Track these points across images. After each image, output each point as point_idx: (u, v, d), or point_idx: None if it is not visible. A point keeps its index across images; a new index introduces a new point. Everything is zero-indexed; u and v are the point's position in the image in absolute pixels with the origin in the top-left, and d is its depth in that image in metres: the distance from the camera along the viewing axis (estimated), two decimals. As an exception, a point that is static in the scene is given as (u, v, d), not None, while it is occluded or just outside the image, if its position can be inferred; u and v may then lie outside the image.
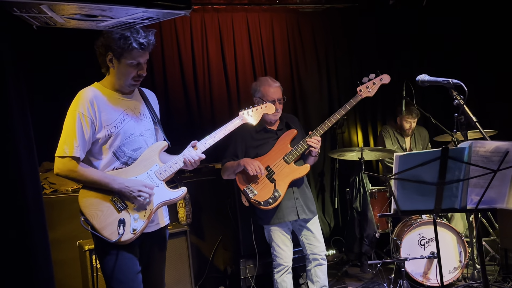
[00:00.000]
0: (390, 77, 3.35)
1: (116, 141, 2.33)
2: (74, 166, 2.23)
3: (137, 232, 2.26)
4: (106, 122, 2.30)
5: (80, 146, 2.23)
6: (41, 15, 1.58)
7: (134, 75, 2.33)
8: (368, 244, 4.60)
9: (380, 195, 4.64)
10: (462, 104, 2.47)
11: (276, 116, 3.37)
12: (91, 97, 2.30)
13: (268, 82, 3.37)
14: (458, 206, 2.25)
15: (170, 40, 4.76)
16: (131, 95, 2.45)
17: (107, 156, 2.34)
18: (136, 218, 2.28)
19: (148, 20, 1.67)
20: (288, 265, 3.42)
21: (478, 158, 2.17)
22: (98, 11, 1.54)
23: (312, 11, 5.35)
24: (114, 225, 2.24)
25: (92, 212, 2.26)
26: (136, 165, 2.36)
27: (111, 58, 2.29)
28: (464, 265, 3.93)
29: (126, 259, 2.30)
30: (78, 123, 2.24)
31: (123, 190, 2.25)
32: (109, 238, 2.23)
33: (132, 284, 2.30)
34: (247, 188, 3.23)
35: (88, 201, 2.27)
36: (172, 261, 3.36)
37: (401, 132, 4.88)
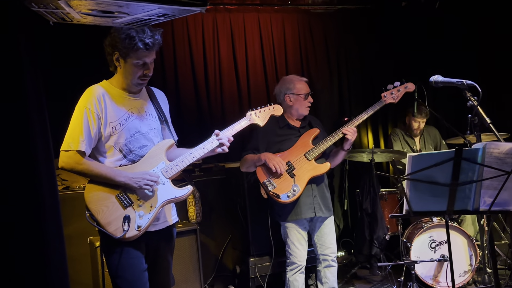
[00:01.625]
0: (414, 86, 3.37)
1: (121, 139, 2.35)
2: (79, 160, 2.24)
3: (142, 229, 2.27)
4: (111, 119, 2.32)
5: (86, 140, 2.25)
6: (59, 10, 1.59)
7: (140, 74, 2.33)
8: (378, 246, 4.58)
9: (390, 197, 4.62)
10: (476, 106, 2.46)
11: (307, 110, 3.47)
12: (99, 94, 2.32)
13: (298, 78, 3.51)
14: (471, 208, 2.24)
15: (182, 40, 4.78)
16: (138, 94, 2.46)
17: (113, 153, 2.35)
18: (142, 215, 2.29)
19: (164, 17, 1.67)
20: (301, 265, 3.43)
21: (492, 160, 2.17)
22: (115, 7, 1.55)
23: (324, 12, 5.36)
24: (119, 221, 2.25)
25: (98, 208, 2.27)
26: (143, 162, 2.37)
27: (118, 57, 2.31)
28: (474, 268, 3.91)
29: (132, 257, 2.30)
30: (85, 118, 2.27)
31: (128, 182, 2.25)
32: (113, 234, 2.23)
33: (137, 282, 2.30)
34: (266, 180, 3.26)
35: (93, 196, 2.28)
36: (182, 259, 3.37)
37: (410, 133, 4.86)
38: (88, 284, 3.30)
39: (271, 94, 5.01)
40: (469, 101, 2.46)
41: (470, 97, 2.46)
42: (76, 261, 3.26)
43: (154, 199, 2.34)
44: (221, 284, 3.91)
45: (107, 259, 2.35)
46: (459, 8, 5.30)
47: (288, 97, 3.44)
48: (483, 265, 4.03)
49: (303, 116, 3.50)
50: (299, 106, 3.44)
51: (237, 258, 4.08)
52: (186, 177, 3.75)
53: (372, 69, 5.47)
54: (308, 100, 3.45)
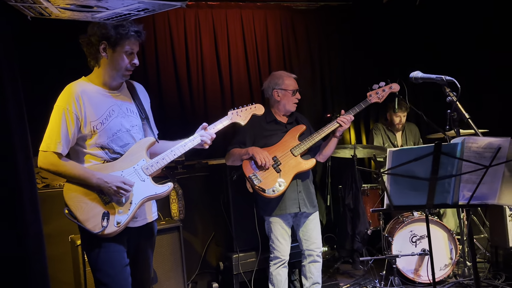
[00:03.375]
0: (399, 86, 3.43)
1: (102, 137, 2.33)
2: (56, 161, 2.24)
3: (121, 225, 2.26)
4: (91, 118, 2.30)
5: (63, 142, 2.24)
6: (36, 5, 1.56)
7: (127, 64, 2.33)
8: (360, 241, 4.62)
9: (372, 192, 4.66)
10: (455, 101, 2.49)
11: (294, 106, 3.50)
12: (77, 92, 2.29)
13: (287, 74, 3.54)
14: (450, 202, 2.27)
15: (163, 36, 4.74)
16: (118, 90, 2.44)
17: (95, 151, 2.33)
18: (121, 212, 2.29)
19: (144, 11, 1.65)
20: (285, 259, 3.47)
21: (471, 154, 2.20)
22: (94, 1, 1.53)
23: (306, 8, 5.37)
24: (98, 217, 2.24)
25: (76, 204, 2.26)
26: (123, 159, 2.36)
27: (105, 47, 2.28)
28: (455, 262, 3.97)
29: (113, 252, 2.29)
30: (63, 119, 2.25)
31: (101, 185, 2.25)
32: (92, 229, 2.23)
33: (119, 276, 2.29)
34: (252, 175, 3.27)
35: (73, 193, 2.27)
36: (165, 256, 3.36)
37: (391, 128, 4.92)
38: (69, 283, 3.27)
39: (254, 91, 5.04)
40: (448, 97, 2.48)
41: (449, 92, 2.48)
42: (57, 259, 3.22)
43: (136, 195, 2.34)
44: (204, 281, 3.91)
45: (88, 254, 2.34)
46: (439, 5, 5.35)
47: (276, 92, 3.46)
48: (463, 258, 4.10)
49: (290, 112, 3.53)
50: (286, 101, 3.46)
51: (221, 255, 4.08)
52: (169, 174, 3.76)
53: (354, 66, 5.50)
54: (296, 96, 3.48)
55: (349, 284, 4.13)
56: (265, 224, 3.52)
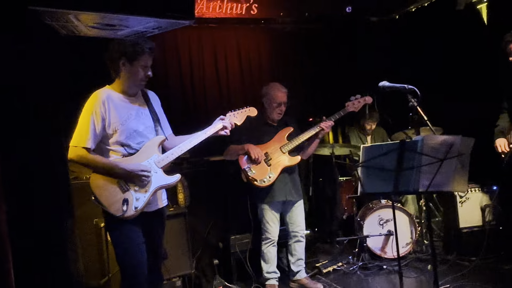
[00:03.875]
0: (372, 99, 3.47)
1: (122, 136, 2.34)
2: (85, 154, 2.25)
3: (138, 210, 2.28)
4: (113, 120, 2.32)
5: (91, 138, 2.26)
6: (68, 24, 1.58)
7: (143, 76, 2.36)
8: (337, 224, 4.67)
9: (347, 184, 4.70)
10: (415, 106, 2.53)
11: (280, 116, 3.48)
12: (104, 98, 2.32)
13: (278, 87, 3.48)
14: (412, 189, 2.31)
15: (171, 52, 4.75)
16: (135, 97, 2.46)
17: (116, 147, 2.35)
18: (138, 198, 2.30)
19: (158, 29, 1.68)
20: (274, 239, 3.49)
21: (429, 149, 2.23)
22: (117, 20, 1.55)
23: (292, 30, 5.36)
24: (119, 203, 2.26)
25: (101, 192, 2.28)
26: (139, 154, 2.37)
27: (124, 62, 2.31)
28: (414, 241, 4.00)
29: (131, 231, 2.31)
30: (92, 119, 2.27)
31: (124, 174, 2.27)
32: (115, 213, 2.25)
33: (137, 252, 2.30)
34: (247, 167, 3.30)
35: (97, 182, 2.29)
36: (174, 237, 3.36)
37: (363, 131, 4.95)
38: (94, 257, 3.26)
39: (247, 97, 5.05)
40: (410, 102, 2.53)
41: (411, 98, 2.52)
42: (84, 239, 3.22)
43: (149, 184, 2.36)
44: (206, 258, 3.90)
45: (111, 234, 2.36)
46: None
47: (264, 100, 3.48)
48: (421, 238, 4.14)
49: (276, 120, 3.51)
50: (271, 111, 3.47)
51: (220, 236, 4.08)
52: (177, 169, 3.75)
53: (333, 78, 5.50)
54: (280, 108, 3.44)
55: (327, 260, 4.14)
56: (257, 210, 3.53)
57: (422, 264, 3.87)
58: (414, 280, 3.57)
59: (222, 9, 4.62)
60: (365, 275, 3.78)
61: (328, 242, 4.68)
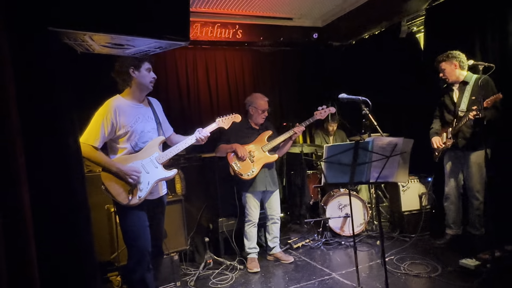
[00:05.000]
0: (335, 109, 3.50)
1: (132, 136, 2.30)
2: (91, 150, 2.21)
3: (142, 198, 2.26)
4: (124, 123, 2.28)
5: (100, 139, 2.22)
6: (84, 43, 1.53)
7: (150, 78, 2.34)
8: (305, 208, 4.69)
9: (313, 176, 4.73)
10: (367, 113, 2.56)
11: (263, 120, 3.47)
12: (115, 106, 2.28)
13: (261, 97, 3.47)
14: (364, 180, 2.32)
15: (171, 69, 4.70)
16: (142, 103, 2.41)
17: (125, 145, 2.31)
18: (141, 189, 2.27)
19: (159, 49, 1.65)
20: (255, 221, 3.48)
21: (378, 149, 2.26)
22: (124, 41, 1.51)
23: (270, 51, 5.38)
24: (125, 193, 2.23)
25: (110, 183, 2.24)
26: (143, 152, 2.34)
27: (133, 70, 2.29)
28: (366, 221, 4.06)
29: (137, 216, 2.27)
30: (102, 123, 2.23)
31: (118, 173, 2.22)
32: (122, 201, 2.22)
33: (142, 234, 2.27)
34: (234, 163, 3.29)
35: (107, 175, 2.25)
36: (172, 220, 3.31)
37: (326, 133, 4.99)
38: (105, 238, 3.20)
39: (233, 105, 5.03)
40: (363, 110, 2.56)
41: (364, 107, 2.56)
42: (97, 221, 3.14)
43: (151, 177, 2.32)
44: (199, 237, 3.87)
45: (120, 219, 2.31)
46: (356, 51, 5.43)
47: (251, 108, 3.45)
48: (372, 219, 4.19)
49: (260, 123, 3.51)
50: (256, 116, 3.46)
51: (210, 219, 4.06)
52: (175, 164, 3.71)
53: (303, 91, 5.53)
54: (264, 114, 3.44)
55: (297, 237, 4.17)
56: (242, 198, 3.52)
57: (372, 240, 3.92)
58: (366, 253, 3.62)
59: (213, 33, 4.59)
60: (327, 249, 3.81)
61: (298, 223, 4.71)
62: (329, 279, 3.06)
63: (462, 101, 3.29)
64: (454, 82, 3.37)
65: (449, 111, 3.44)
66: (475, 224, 3.36)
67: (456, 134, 3.33)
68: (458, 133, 3.32)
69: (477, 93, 3.18)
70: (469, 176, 3.30)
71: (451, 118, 3.41)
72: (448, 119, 3.45)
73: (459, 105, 3.32)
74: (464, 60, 3.30)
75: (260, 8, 4.57)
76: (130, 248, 2.27)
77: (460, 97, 3.33)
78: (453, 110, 3.38)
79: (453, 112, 3.39)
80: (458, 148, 3.35)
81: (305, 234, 4.31)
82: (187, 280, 3.27)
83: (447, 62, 3.33)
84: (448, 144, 3.39)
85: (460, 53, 3.32)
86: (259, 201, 3.51)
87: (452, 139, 3.35)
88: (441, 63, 3.36)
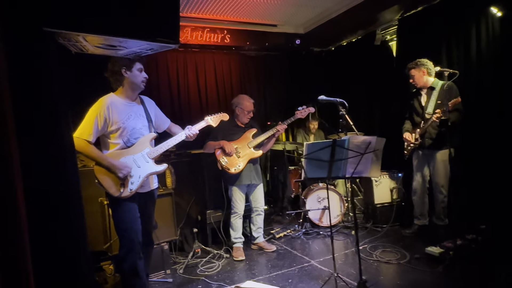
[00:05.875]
0: (314, 109, 3.50)
1: (124, 132, 2.26)
2: (84, 145, 2.16)
3: (133, 191, 2.22)
4: (116, 119, 2.23)
5: (93, 134, 2.17)
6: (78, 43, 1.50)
7: (142, 77, 2.30)
8: (287, 201, 4.72)
9: (294, 171, 4.76)
10: (344, 114, 2.59)
11: (248, 120, 3.46)
12: (108, 103, 2.23)
13: (247, 99, 3.46)
14: (341, 175, 2.35)
15: (163, 70, 4.63)
16: (134, 101, 2.37)
17: (118, 140, 2.27)
18: (133, 182, 2.23)
19: (151, 50, 1.62)
20: (240, 213, 3.48)
21: (353, 146, 2.29)
22: (117, 42, 1.48)
23: (255, 55, 5.36)
24: (117, 186, 2.20)
25: (102, 177, 2.20)
26: (134, 147, 2.30)
27: (125, 70, 2.24)
28: (343, 213, 4.09)
29: (129, 208, 2.24)
30: (96, 119, 2.18)
31: (110, 167, 2.19)
32: (114, 194, 2.19)
33: (133, 225, 2.23)
34: (221, 158, 3.27)
35: (100, 170, 2.20)
36: (163, 212, 3.28)
37: (308, 132, 5.03)
38: (99, 229, 3.14)
39: (221, 105, 5.00)
40: (340, 111, 2.58)
41: (341, 108, 2.58)
42: (91, 213, 3.08)
43: (142, 171, 2.29)
44: (188, 228, 3.85)
45: (112, 210, 2.26)
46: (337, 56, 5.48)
47: (237, 109, 3.44)
48: (348, 211, 4.25)
49: (248, 121, 3.50)
50: (242, 116, 3.45)
51: (199, 211, 4.04)
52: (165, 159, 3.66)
53: (286, 93, 5.54)
54: (249, 114, 3.44)
55: (279, 228, 4.19)
56: (228, 191, 3.51)
57: (348, 230, 3.96)
58: (342, 242, 3.66)
59: (203, 37, 4.55)
60: (307, 239, 3.84)
61: (281, 215, 4.72)
62: (308, 266, 3.09)
63: (429, 104, 3.37)
64: (422, 87, 3.45)
65: (418, 113, 3.51)
66: (440, 216, 3.45)
67: (423, 135, 3.41)
68: (425, 134, 3.40)
69: (442, 97, 3.26)
70: (435, 173, 3.39)
71: (419, 120, 3.49)
72: (416, 121, 3.52)
73: (426, 108, 3.40)
74: (431, 67, 3.38)
75: (247, 15, 4.55)
76: (121, 238, 2.23)
77: (427, 101, 3.41)
78: (421, 113, 3.46)
79: (421, 114, 3.47)
80: (425, 147, 3.43)
81: (287, 225, 4.33)
82: (176, 268, 3.24)
83: (416, 69, 3.40)
84: (416, 144, 3.46)
85: (428, 61, 3.39)
86: (245, 194, 3.51)
87: (419, 139, 3.43)
88: (410, 70, 3.43)
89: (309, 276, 2.86)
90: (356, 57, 4.98)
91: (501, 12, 3.31)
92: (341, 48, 5.35)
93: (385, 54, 4.64)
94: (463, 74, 3.21)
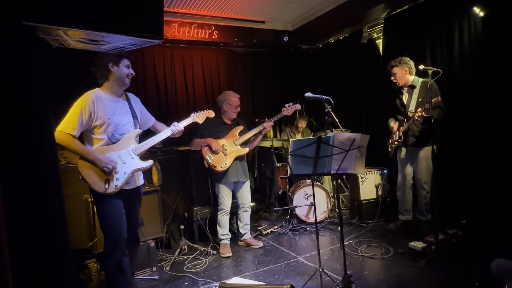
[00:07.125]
0: (301, 106, 3.51)
1: (109, 127, 2.23)
2: (68, 139, 2.12)
3: (118, 187, 2.20)
4: (101, 114, 2.20)
5: (78, 128, 2.14)
6: (59, 38, 1.46)
7: (128, 73, 2.29)
8: (274, 198, 4.74)
9: (281, 168, 4.78)
10: (330, 111, 2.62)
11: (235, 115, 3.46)
12: (93, 97, 2.20)
13: (233, 94, 3.46)
14: (326, 171, 2.37)
15: (149, 66, 4.57)
16: (120, 97, 2.34)
17: (102, 136, 2.23)
18: (118, 178, 2.21)
19: (134, 46, 1.60)
20: (227, 210, 3.48)
21: (338, 143, 2.30)
22: (99, 37, 1.46)
23: (243, 52, 5.35)
24: (102, 182, 2.17)
25: (87, 173, 2.17)
26: (119, 143, 2.28)
27: (112, 65, 2.22)
28: (329, 210, 4.13)
29: (114, 205, 2.21)
30: (80, 113, 2.15)
31: (95, 161, 2.16)
32: (98, 190, 2.16)
33: (118, 222, 2.21)
34: (208, 156, 3.26)
35: (84, 165, 2.17)
36: (149, 209, 3.26)
37: (295, 130, 5.05)
38: (83, 227, 3.10)
39: (209, 102, 4.98)
40: (326, 108, 2.61)
41: (327, 106, 2.61)
42: (75, 211, 3.04)
43: (127, 167, 2.26)
44: (175, 225, 3.83)
45: (97, 207, 2.23)
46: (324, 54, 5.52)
47: (225, 105, 3.43)
48: (334, 207, 4.27)
49: (233, 118, 3.50)
50: (230, 112, 3.44)
51: (186, 208, 4.02)
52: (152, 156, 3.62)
53: (272, 90, 5.55)
54: (237, 109, 3.45)
55: (266, 224, 4.21)
56: (215, 188, 3.50)
57: (334, 226, 4.01)
58: (328, 238, 3.70)
59: (190, 33, 4.50)
60: (294, 235, 3.87)
61: (268, 211, 4.75)
62: (295, 261, 3.12)
63: (411, 103, 3.43)
64: (403, 85, 3.51)
65: (400, 112, 3.57)
66: (423, 211, 3.53)
67: (407, 132, 3.47)
68: (408, 131, 3.46)
69: (423, 95, 3.32)
70: (418, 169, 3.46)
71: (402, 118, 3.55)
72: (399, 119, 3.58)
73: (408, 106, 3.46)
74: (412, 66, 3.44)
75: (234, 11, 4.53)
76: (106, 235, 2.21)
77: (409, 99, 3.47)
78: (403, 111, 3.52)
79: (403, 113, 3.53)
80: (408, 144, 3.50)
81: (274, 221, 4.35)
82: (163, 265, 3.23)
83: (398, 67, 3.45)
84: (400, 141, 3.52)
85: (410, 60, 3.45)
86: (231, 191, 3.51)
87: (403, 137, 3.49)
88: (393, 68, 3.48)
89: (295, 272, 2.89)
90: (343, 55, 5.02)
91: (483, 12, 3.39)
92: (329, 45, 5.38)
93: (371, 52, 4.69)
94: (446, 71, 3.27)
